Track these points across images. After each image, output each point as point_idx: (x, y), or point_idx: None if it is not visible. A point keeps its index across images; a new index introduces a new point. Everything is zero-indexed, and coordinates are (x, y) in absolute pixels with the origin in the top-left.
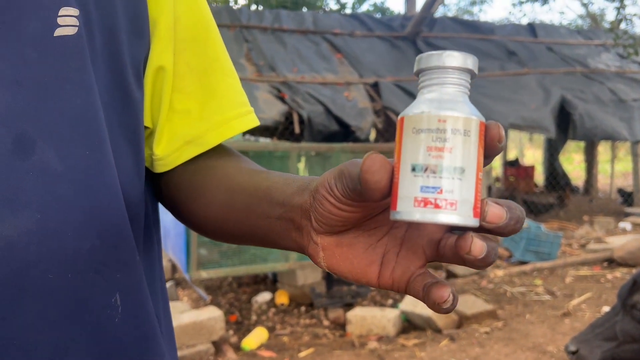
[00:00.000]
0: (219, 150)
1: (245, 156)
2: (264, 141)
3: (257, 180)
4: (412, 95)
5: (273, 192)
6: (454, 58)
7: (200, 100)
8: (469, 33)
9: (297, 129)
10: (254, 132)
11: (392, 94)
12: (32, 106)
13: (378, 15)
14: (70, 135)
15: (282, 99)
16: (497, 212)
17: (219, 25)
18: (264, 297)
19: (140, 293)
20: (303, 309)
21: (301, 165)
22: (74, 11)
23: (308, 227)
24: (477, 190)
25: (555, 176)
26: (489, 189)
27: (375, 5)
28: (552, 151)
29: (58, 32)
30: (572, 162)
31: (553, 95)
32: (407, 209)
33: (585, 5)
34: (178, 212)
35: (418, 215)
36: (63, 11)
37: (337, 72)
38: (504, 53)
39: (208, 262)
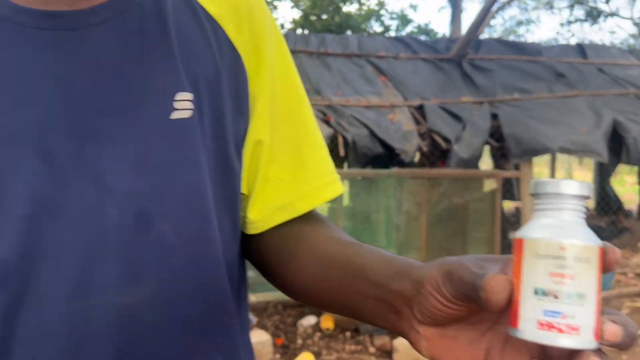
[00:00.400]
0: (309, 217)
1: (332, 223)
2: None
3: (350, 253)
4: (457, 118)
5: (368, 270)
6: (571, 186)
7: (292, 169)
8: (515, 54)
9: (341, 152)
10: None
11: (437, 117)
12: (151, 184)
13: (422, 38)
14: (184, 210)
15: (327, 122)
16: (614, 331)
17: None
18: (309, 320)
19: (238, 352)
20: (348, 334)
21: (346, 189)
22: (189, 95)
23: (409, 314)
24: (597, 314)
25: (607, 200)
26: None
27: (419, 27)
28: (603, 174)
29: (174, 115)
30: (624, 184)
31: (604, 118)
32: (530, 329)
33: (637, 24)
34: (267, 274)
35: (541, 338)
36: (179, 96)
37: (382, 94)
38: (552, 75)
39: (257, 284)
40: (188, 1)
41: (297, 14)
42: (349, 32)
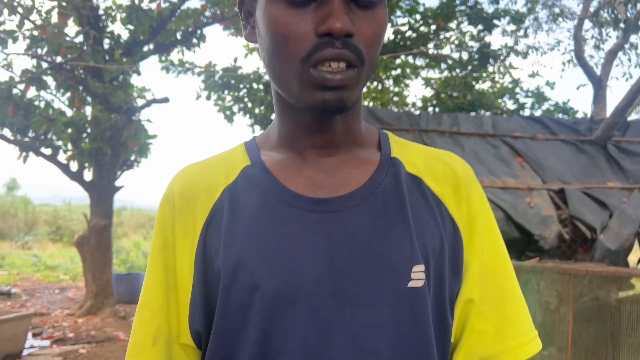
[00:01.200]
0: None
1: None
2: None
3: None
4: (602, 205)
5: None
6: None
7: (496, 324)
8: None
9: None
10: None
11: (580, 202)
12: (394, 341)
13: (560, 116)
14: (417, 358)
15: None
16: None
17: (399, 130)
18: None
19: None
20: None
21: None
22: (422, 267)
23: None
24: None
25: None
26: None
27: (557, 105)
28: None
29: (411, 284)
30: None
31: None
32: None
33: None
34: None
35: None
36: (415, 268)
37: (518, 176)
38: None
39: None
40: (418, 184)
41: (428, 92)
42: (481, 111)
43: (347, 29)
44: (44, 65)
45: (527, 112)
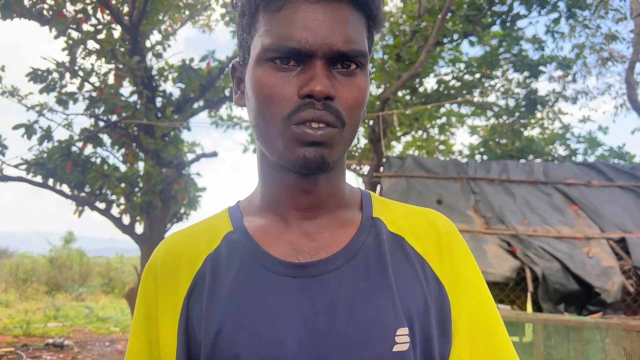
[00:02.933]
0: None
1: None
2: (503, 308)
3: None
4: None
5: None
6: None
7: None
8: None
9: (530, 287)
10: None
11: None
12: None
13: (616, 161)
14: None
15: (513, 253)
16: None
17: (446, 178)
18: None
19: None
20: None
21: (529, 331)
22: (406, 330)
23: None
24: None
25: None
26: None
27: (611, 149)
28: None
29: (395, 348)
30: None
31: None
32: None
33: None
34: None
35: None
36: (399, 331)
37: (574, 225)
38: None
39: None
40: (401, 243)
41: (475, 139)
42: (531, 157)
43: (327, 92)
44: (101, 124)
45: (579, 158)
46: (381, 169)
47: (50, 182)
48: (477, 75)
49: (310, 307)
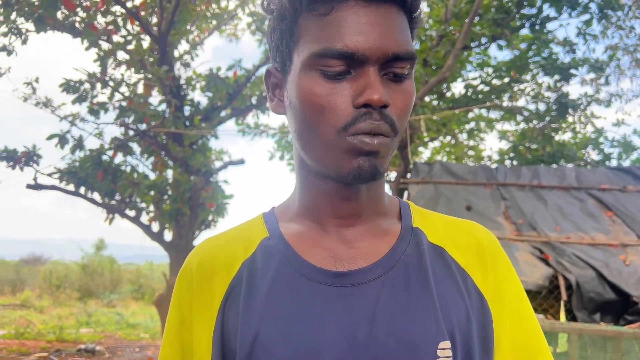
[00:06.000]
0: None
1: None
2: (537, 317)
3: None
4: None
5: None
6: None
7: None
8: None
9: (563, 296)
10: None
11: None
12: None
13: None
14: None
15: (545, 260)
16: None
17: (475, 184)
18: None
19: None
20: None
21: (562, 340)
22: (448, 344)
23: None
24: None
25: None
26: None
27: None
28: None
29: None
30: None
31: None
32: None
33: None
34: None
35: None
36: (441, 345)
37: (609, 232)
38: None
39: None
40: (441, 254)
41: (504, 144)
42: (562, 162)
43: (385, 100)
44: (131, 132)
45: (613, 163)
46: (408, 175)
47: (82, 190)
48: (506, 80)
49: (349, 317)
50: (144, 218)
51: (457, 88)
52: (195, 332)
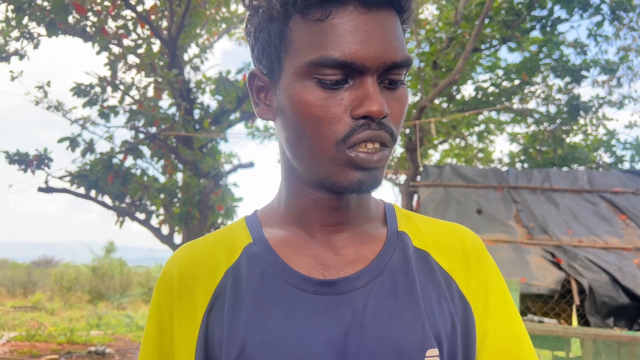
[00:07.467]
0: None
1: None
2: (549, 322)
3: None
4: None
5: None
6: None
7: None
8: None
9: (576, 300)
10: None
11: None
12: None
13: None
14: None
15: (557, 264)
16: None
17: (485, 187)
18: None
19: None
20: None
21: (575, 345)
22: (435, 351)
23: None
24: None
25: None
26: None
27: None
28: None
29: None
30: None
31: None
32: None
33: None
34: None
35: None
36: (429, 352)
37: (622, 235)
38: None
39: None
40: (426, 259)
41: (515, 147)
42: (574, 165)
43: (386, 112)
44: (141, 136)
45: (626, 166)
46: (418, 178)
47: (93, 193)
48: (517, 82)
49: (338, 326)
50: (154, 221)
51: (467, 90)
52: (176, 342)
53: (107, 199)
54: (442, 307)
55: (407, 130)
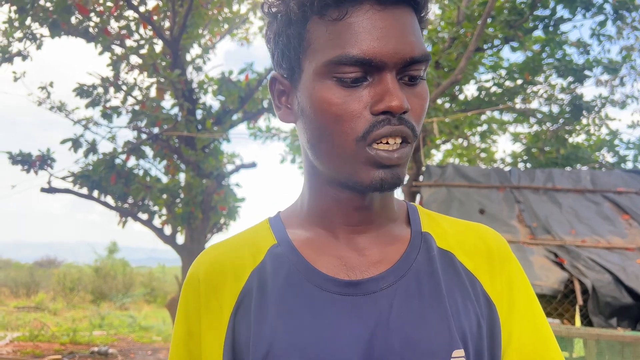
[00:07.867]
0: None
1: None
2: (552, 322)
3: None
4: None
5: None
6: None
7: None
8: None
9: (579, 300)
10: None
11: None
12: None
13: None
14: None
15: (560, 264)
16: None
17: (488, 187)
18: None
19: None
20: None
21: (578, 346)
22: (461, 352)
23: None
24: None
25: None
26: None
27: None
28: None
29: None
30: None
31: None
32: None
33: None
34: None
35: None
36: (455, 353)
37: (625, 235)
38: None
39: None
40: (450, 259)
41: (517, 147)
42: (577, 165)
43: (406, 107)
44: (143, 136)
45: (629, 165)
46: (420, 177)
47: (95, 193)
48: (519, 82)
49: (363, 327)
50: (157, 221)
51: (470, 90)
52: (204, 343)
53: (109, 200)
54: (467, 308)
55: None
